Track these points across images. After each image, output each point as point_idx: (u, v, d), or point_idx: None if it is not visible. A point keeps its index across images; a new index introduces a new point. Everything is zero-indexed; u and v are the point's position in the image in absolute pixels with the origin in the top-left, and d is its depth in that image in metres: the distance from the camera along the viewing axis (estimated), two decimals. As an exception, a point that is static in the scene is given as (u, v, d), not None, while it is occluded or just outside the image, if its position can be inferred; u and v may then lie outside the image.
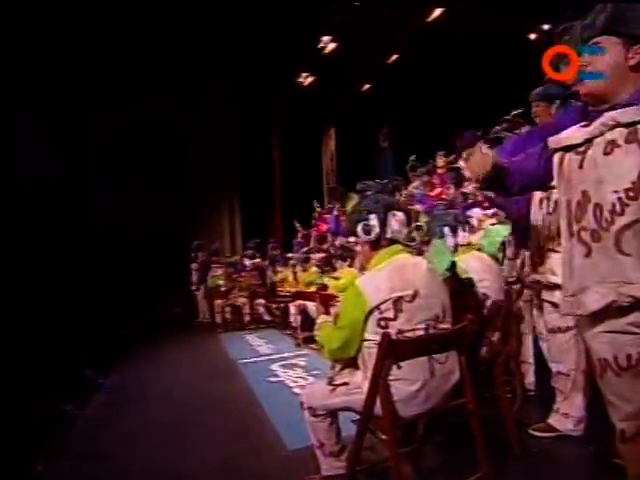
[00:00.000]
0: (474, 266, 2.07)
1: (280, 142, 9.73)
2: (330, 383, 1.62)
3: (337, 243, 6.21)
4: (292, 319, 6.06)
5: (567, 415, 1.94)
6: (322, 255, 5.71)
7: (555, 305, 1.87)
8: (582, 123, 1.24)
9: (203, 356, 5.06)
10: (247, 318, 6.93)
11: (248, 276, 7.51)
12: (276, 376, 3.74)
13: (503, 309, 2.04)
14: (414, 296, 1.46)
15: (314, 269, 6.06)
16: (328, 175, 10.01)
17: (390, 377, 1.43)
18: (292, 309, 6.09)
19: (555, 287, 1.84)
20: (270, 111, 8.99)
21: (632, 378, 1.14)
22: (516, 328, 2.38)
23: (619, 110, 1.13)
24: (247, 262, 7.81)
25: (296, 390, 3.26)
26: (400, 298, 1.45)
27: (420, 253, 1.87)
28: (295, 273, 6.62)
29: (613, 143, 1.12)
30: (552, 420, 2.00)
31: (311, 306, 5.60)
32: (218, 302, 6.99)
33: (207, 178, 9.12)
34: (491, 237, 2.29)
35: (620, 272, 1.09)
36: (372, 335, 1.46)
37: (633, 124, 1.10)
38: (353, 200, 1.49)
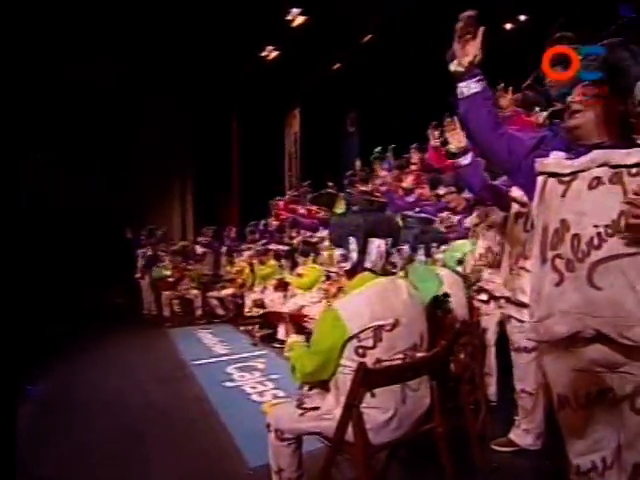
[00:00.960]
0: None
1: (239, 120, 9.49)
2: (300, 406, 1.66)
3: (294, 235, 6.23)
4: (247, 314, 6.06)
5: (528, 430, 2.13)
6: (283, 247, 5.69)
7: (523, 322, 2.02)
8: (567, 155, 1.34)
9: (151, 356, 4.91)
10: (199, 312, 6.83)
11: (199, 265, 7.38)
12: (232, 380, 3.74)
13: (472, 326, 2.17)
14: (394, 325, 1.52)
15: (272, 262, 6.06)
16: (291, 159, 9.94)
17: (363, 405, 1.49)
18: (248, 304, 6.09)
19: (524, 306, 1.98)
20: (229, 86, 8.70)
21: (589, 415, 1.27)
22: (481, 342, 2.54)
23: (608, 150, 1.24)
24: (199, 249, 7.66)
25: (254, 397, 3.30)
26: (380, 327, 1.50)
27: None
28: (252, 265, 6.58)
29: (598, 180, 1.22)
30: (513, 435, 2.18)
31: (268, 301, 5.63)
32: (166, 294, 6.82)
33: (157, 157, 8.77)
34: (452, 251, 2.41)
35: (588, 304, 1.19)
36: (348, 362, 1.51)
37: (619, 167, 1.20)
38: (341, 203, 1.47)
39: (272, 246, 6.28)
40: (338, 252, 1.61)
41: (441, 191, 3.77)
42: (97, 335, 5.87)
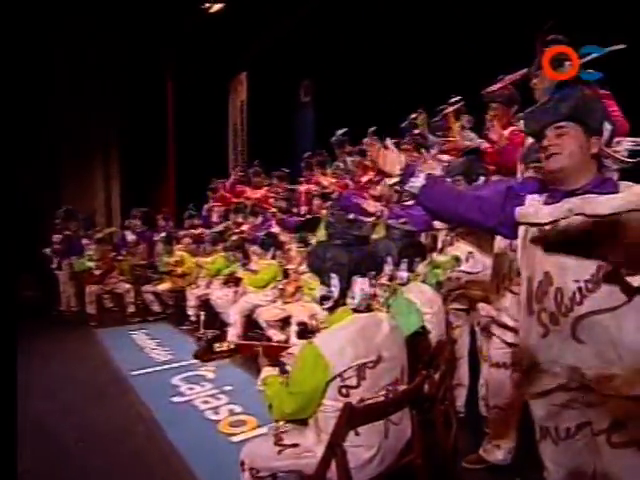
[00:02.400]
0: (414, 298, 2.38)
1: (175, 84, 9.11)
2: (277, 443, 1.78)
3: (240, 221, 6.24)
4: (191, 312, 6.04)
5: (499, 446, 2.40)
6: (236, 238, 5.69)
7: (506, 343, 2.27)
8: (545, 196, 1.53)
9: (78, 365, 4.74)
10: (131, 309, 6.69)
11: (131, 255, 7.17)
12: (181, 394, 3.76)
13: (446, 343, 2.39)
14: (377, 362, 1.66)
15: (221, 253, 6.03)
16: (236, 130, 9.74)
17: (347, 444, 1.63)
18: (191, 300, 6.06)
19: (507, 328, 2.22)
20: (164, 43, 8.29)
21: (567, 447, 1.53)
22: (453, 355, 2.79)
23: (584, 198, 1.41)
24: (130, 236, 7.44)
25: (209, 415, 3.35)
26: (364, 365, 1.64)
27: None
28: (191, 254, 6.52)
29: None
30: (483, 451, 2.45)
31: (215, 298, 5.64)
32: (91, 289, 6.58)
33: (75, 125, 8.22)
34: (434, 266, 2.62)
35: (572, 357, 1.42)
36: (331, 401, 1.64)
37: (594, 216, 1.39)
38: (322, 229, 1.54)
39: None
40: (318, 291, 1.73)
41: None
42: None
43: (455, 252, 2.85)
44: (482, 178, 2.66)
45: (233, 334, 4.94)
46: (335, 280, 1.71)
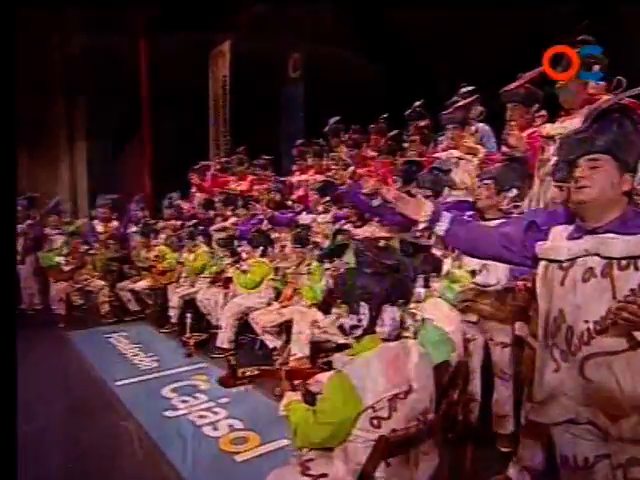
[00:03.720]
0: (431, 315, 2.55)
1: (149, 54, 8.96)
2: (305, 473, 1.93)
3: (228, 214, 6.32)
4: (172, 313, 6.12)
5: (527, 468, 2.55)
6: (223, 234, 5.77)
7: None
8: (570, 230, 1.70)
9: (51, 373, 4.69)
10: (105, 308, 6.72)
11: (103, 248, 7.17)
12: (174, 408, 3.82)
13: (465, 366, 2.58)
14: (408, 392, 1.81)
15: (204, 248, 6.11)
16: (217, 108, 9.68)
17: (377, 474, 1.80)
18: (173, 300, 6.13)
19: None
20: (135, 8, 8.15)
21: (585, 476, 1.70)
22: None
23: (602, 238, 1.59)
24: (99, 227, 7.44)
25: (207, 431, 3.44)
26: (395, 395, 1.78)
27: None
28: (172, 249, 6.57)
29: (591, 271, 1.59)
30: (510, 474, 2.60)
31: (202, 298, 5.75)
32: (60, 286, 6.59)
33: (37, 100, 8.04)
34: (450, 281, 2.78)
35: (582, 394, 1.61)
36: (362, 432, 1.78)
37: (609, 258, 1.57)
38: (351, 255, 1.66)
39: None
40: (349, 321, 1.87)
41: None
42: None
43: (470, 264, 3.03)
44: (514, 191, 2.82)
45: (223, 339, 5.06)
46: (365, 310, 1.85)
